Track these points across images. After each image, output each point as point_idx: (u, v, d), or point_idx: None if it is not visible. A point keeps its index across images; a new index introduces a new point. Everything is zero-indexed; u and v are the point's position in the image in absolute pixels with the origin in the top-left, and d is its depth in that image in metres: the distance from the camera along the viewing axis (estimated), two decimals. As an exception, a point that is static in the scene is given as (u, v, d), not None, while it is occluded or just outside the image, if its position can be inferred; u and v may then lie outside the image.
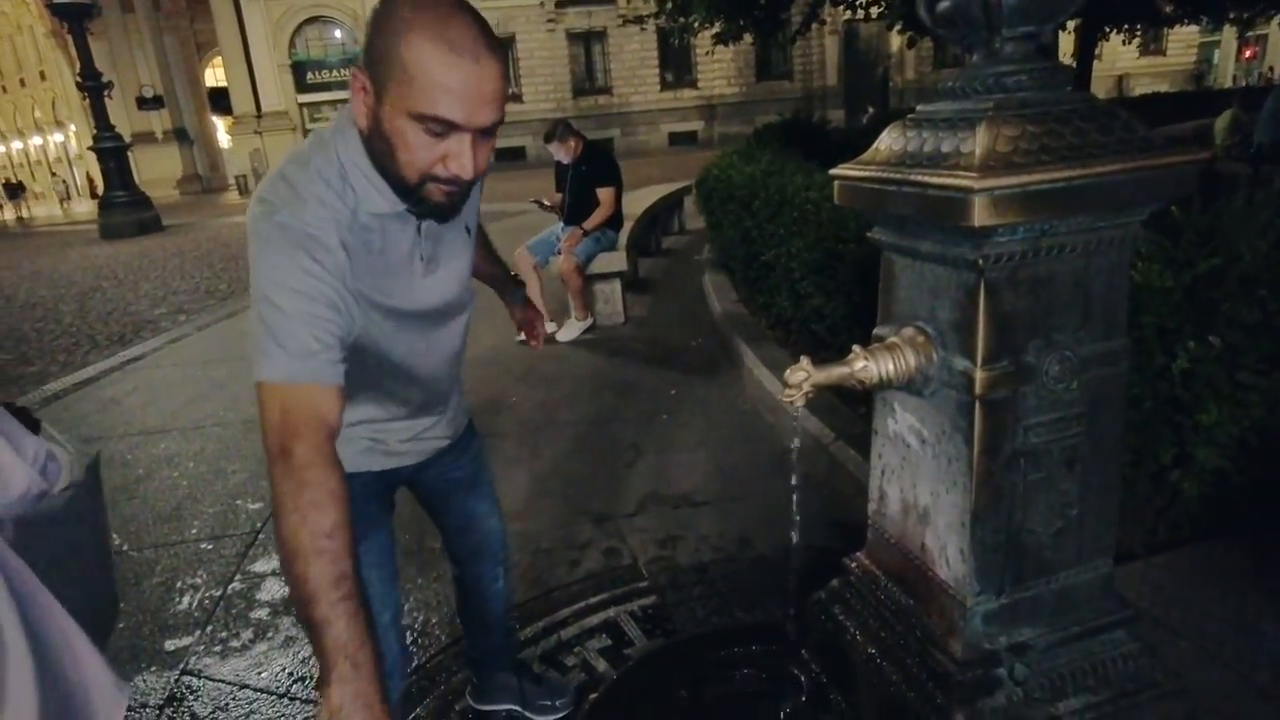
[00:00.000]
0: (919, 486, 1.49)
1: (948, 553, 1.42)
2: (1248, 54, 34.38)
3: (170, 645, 2.45)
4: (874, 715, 1.61)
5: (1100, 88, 27.07)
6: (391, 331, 1.29)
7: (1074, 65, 11.92)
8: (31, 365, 6.32)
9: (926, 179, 1.20)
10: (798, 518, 1.57)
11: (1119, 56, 30.17)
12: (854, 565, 1.76)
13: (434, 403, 1.51)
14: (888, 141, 1.38)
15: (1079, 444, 1.35)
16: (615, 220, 5.64)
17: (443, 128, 1.05)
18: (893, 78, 29.07)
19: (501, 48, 1.09)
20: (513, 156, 28.41)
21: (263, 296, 1.07)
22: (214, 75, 35.54)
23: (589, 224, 5.40)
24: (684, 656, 2.12)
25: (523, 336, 2.00)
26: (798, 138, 8.16)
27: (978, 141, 1.15)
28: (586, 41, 29.76)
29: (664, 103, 30.61)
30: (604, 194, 5.46)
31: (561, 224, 5.63)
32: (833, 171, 1.47)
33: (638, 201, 7.61)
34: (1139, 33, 15.16)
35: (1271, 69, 32.39)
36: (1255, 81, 28.57)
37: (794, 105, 19.23)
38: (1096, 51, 13.56)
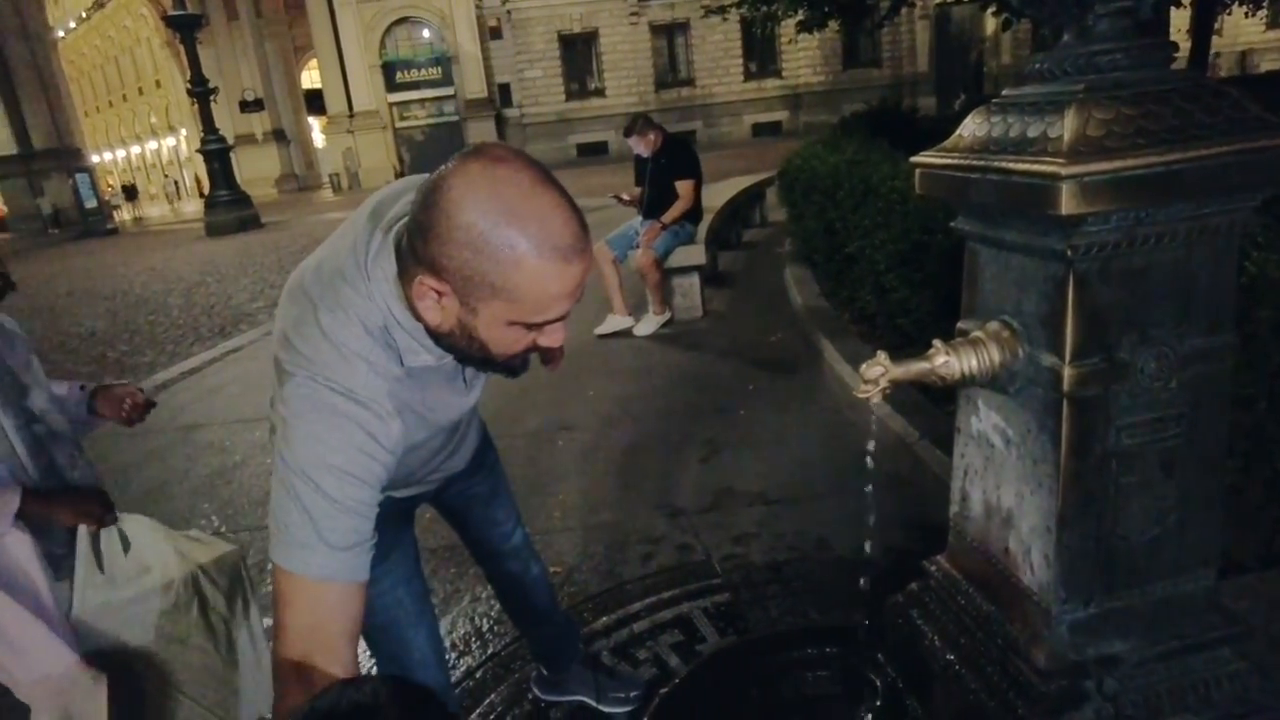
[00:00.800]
0: (1003, 488, 1.42)
1: (1032, 557, 1.36)
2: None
3: (266, 623, 2.57)
4: (952, 724, 1.55)
5: (1221, 65, 25.37)
6: (426, 440, 1.24)
7: (1189, 42, 11.19)
8: (144, 356, 6.75)
9: (1011, 166, 1.14)
10: (874, 518, 1.52)
11: (1242, 31, 28.19)
12: (934, 568, 1.70)
13: (456, 449, 1.47)
14: (971, 128, 1.32)
15: (1177, 446, 1.27)
16: (694, 213, 5.61)
17: (545, 324, 0.98)
18: (987, 63, 27.91)
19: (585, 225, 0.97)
20: (594, 152, 28.64)
21: (302, 474, 0.98)
22: (310, 77, 37.11)
23: (667, 217, 5.38)
24: (756, 655, 2.10)
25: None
26: (885, 126, 7.93)
27: (1066, 125, 1.09)
28: (669, 34, 29.66)
29: (747, 93, 30.27)
30: (683, 187, 5.44)
31: (640, 218, 5.64)
32: (914, 159, 1.41)
33: (718, 194, 7.55)
34: (1264, 4, 14.08)
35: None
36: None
37: (882, 93, 18.69)
38: (1216, 26, 12.69)
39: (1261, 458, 1.97)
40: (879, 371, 1.30)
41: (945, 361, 1.32)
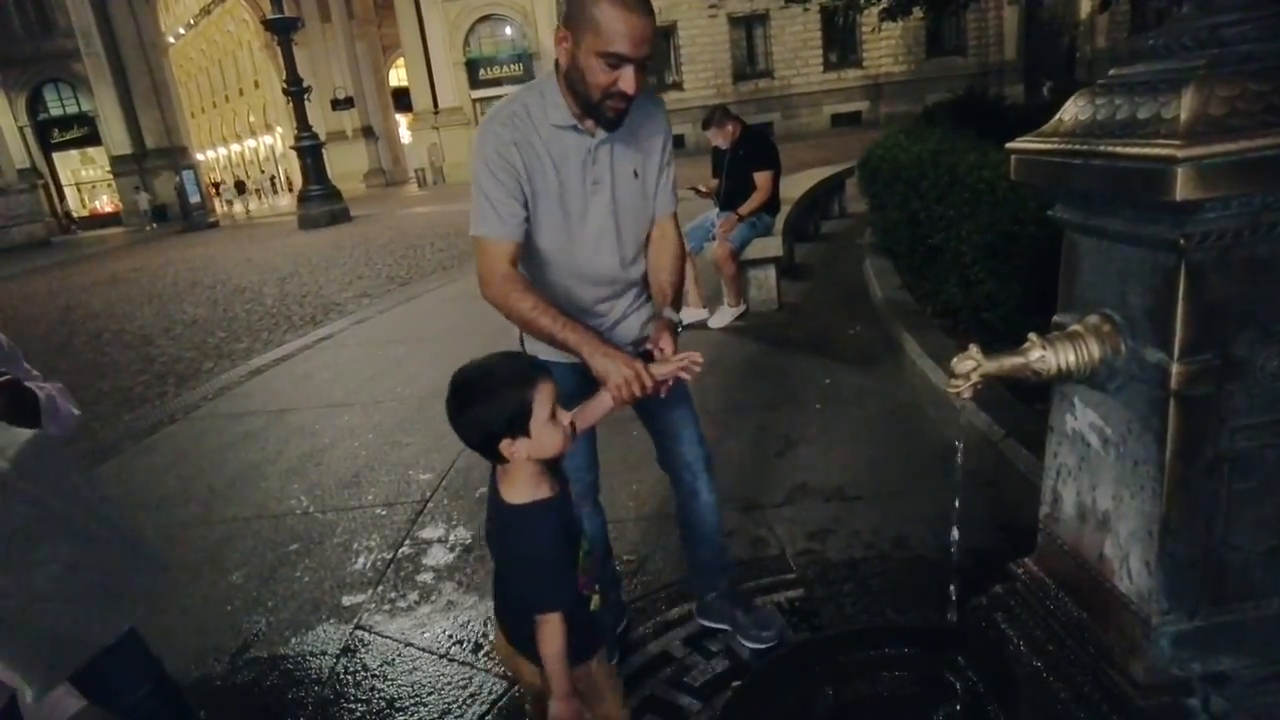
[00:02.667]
0: (1099, 490, 1.35)
1: (1130, 564, 1.28)
2: None
3: (347, 601, 2.66)
4: (1039, 734, 1.49)
5: None
6: (563, 240, 1.76)
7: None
8: (240, 342, 7.09)
9: (1118, 149, 1.08)
10: (959, 517, 1.47)
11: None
12: (1021, 571, 1.63)
13: (604, 309, 1.87)
14: (1073, 111, 1.26)
15: (1301, 451, 1.18)
16: (772, 205, 5.53)
17: (617, 61, 1.53)
18: (1080, 47, 26.60)
19: (652, 9, 1.57)
20: (675, 145, 28.57)
21: (475, 169, 1.68)
22: (397, 76, 38.24)
23: (745, 209, 5.33)
24: (831, 652, 2.06)
25: (651, 349, 1.72)
26: (971, 115, 7.66)
27: (1184, 105, 1.02)
28: (748, 25, 29.36)
29: (827, 84, 29.68)
30: (761, 178, 5.37)
31: (717, 210, 5.60)
32: (1010, 145, 1.36)
33: (796, 185, 7.43)
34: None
35: None
36: None
37: (967, 82, 18.05)
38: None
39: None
40: (970, 365, 1.25)
41: (1041, 356, 1.26)
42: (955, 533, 1.50)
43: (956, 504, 1.47)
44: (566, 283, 1.81)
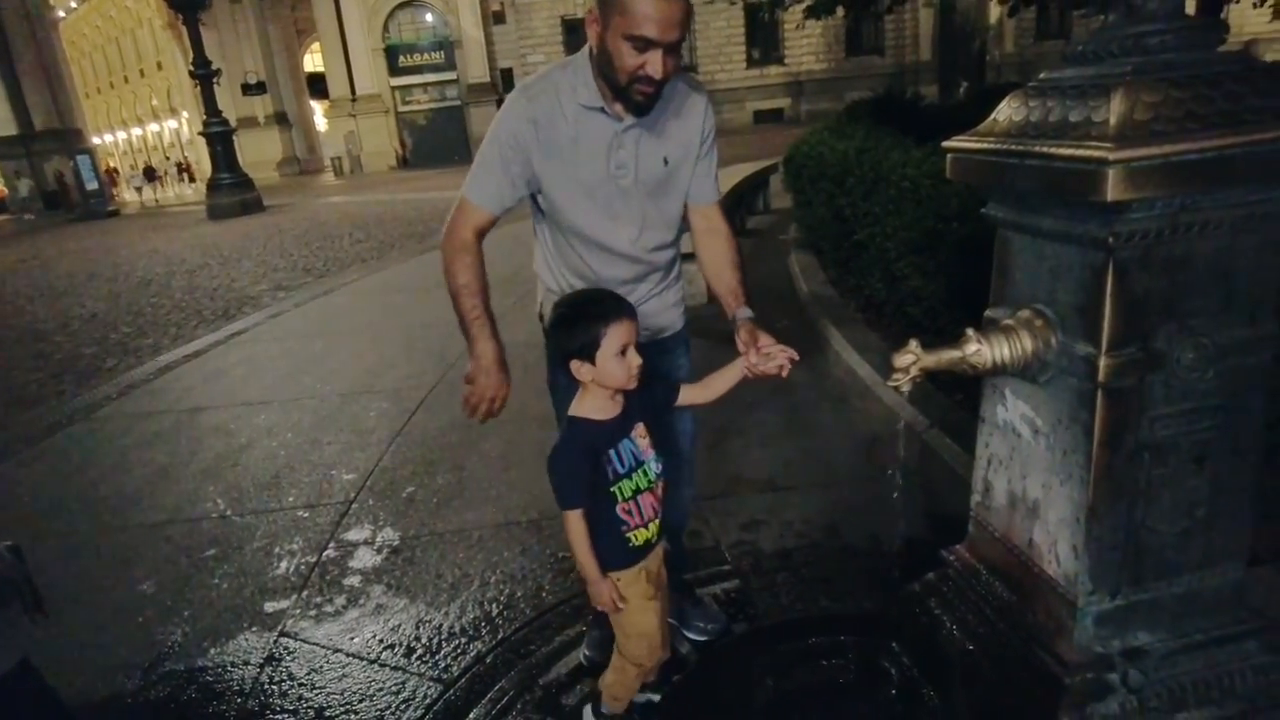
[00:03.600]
0: (1029, 478, 1.41)
1: (1058, 549, 1.34)
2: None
3: (270, 607, 2.56)
4: (970, 713, 1.54)
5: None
6: (586, 219, 1.76)
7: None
8: (147, 338, 6.72)
9: (1053, 150, 1.12)
10: (898, 507, 1.51)
11: (1247, 20, 27.97)
12: (952, 558, 1.68)
13: (626, 290, 1.80)
14: (1007, 112, 1.29)
15: (1211, 439, 1.25)
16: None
17: (644, 44, 1.50)
18: (990, 51, 27.71)
19: None
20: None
21: (487, 137, 1.70)
22: (312, 61, 36.88)
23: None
24: (768, 643, 2.08)
25: (762, 367, 1.60)
26: (891, 114, 7.87)
27: (1113, 109, 1.06)
28: (672, 20, 29.49)
29: (750, 80, 30.07)
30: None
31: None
32: (946, 144, 1.39)
33: (722, 181, 7.48)
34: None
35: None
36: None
37: (885, 81, 18.56)
38: (1223, 14, 12.57)
39: (1282, 451, 1.96)
40: (910, 359, 1.28)
41: (977, 350, 1.30)
42: (897, 521, 1.53)
43: (896, 493, 1.50)
44: (590, 258, 1.83)
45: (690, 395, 1.76)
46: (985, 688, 1.48)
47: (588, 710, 1.89)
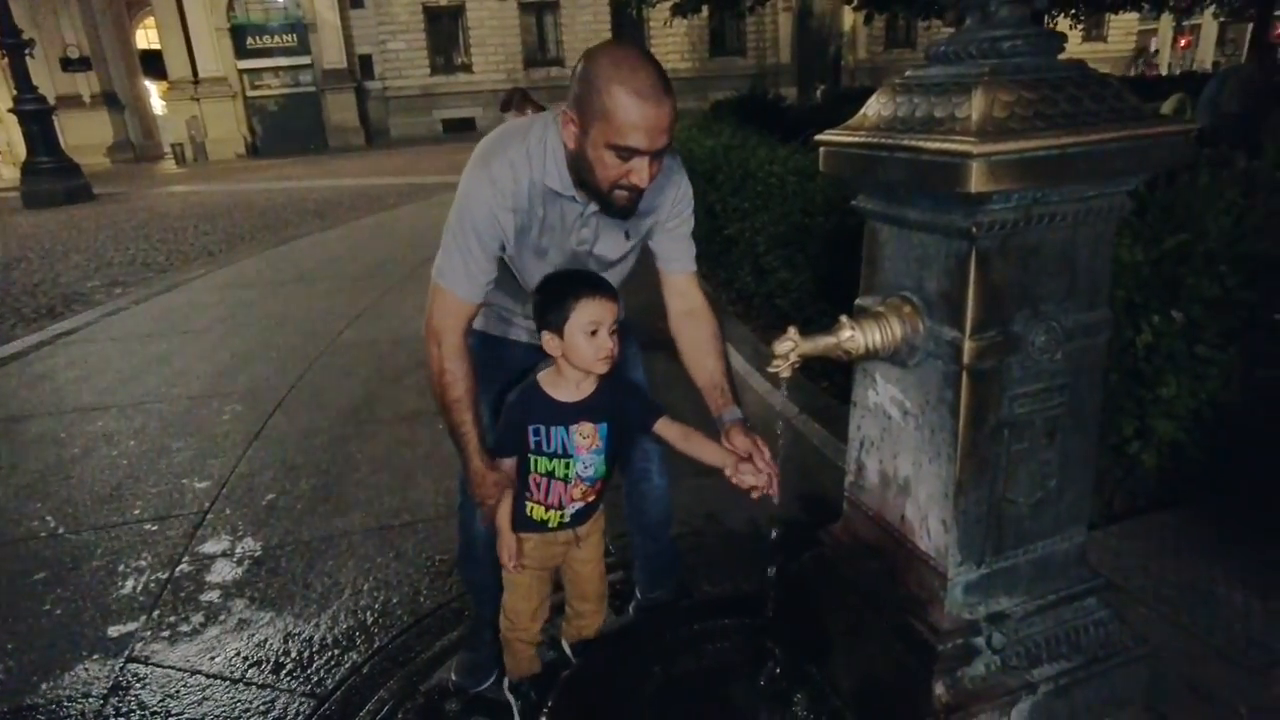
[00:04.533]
0: (900, 458, 1.48)
1: (929, 524, 1.42)
2: (1183, 43, 35.41)
3: (114, 631, 2.33)
4: (851, 687, 1.61)
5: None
6: (536, 272, 1.67)
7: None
8: (-47, 339, 5.98)
9: (921, 144, 1.17)
10: (778, 492, 1.55)
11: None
12: (828, 538, 1.75)
13: None
14: (876, 107, 1.35)
15: (1061, 415, 1.36)
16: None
17: (629, 154, 1.41)
18: (845, 56, 29.17)
19: (672, 90, 1.43)
20: (461, 128, 27.82)
21: (458, 219, 1.57)
22: (146, 38, 33.89)
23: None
24: (655, 631, 2.10)
25: (745, 478, 1.58)
26: (754, 113, 8.13)
27: (974, 106, 1.13)
28: (538, 12, 29.13)
29: (617, 76, 30.20)
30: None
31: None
32: (819, 137, 1.43)
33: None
34: (1083, 18, 15.47)
35: (1154, 61, 33.21)
36: (1139, 71, 29.09)
37: (748, 81, 19.14)
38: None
39: (1110, 425, 2.16)
40: (789, 346, 1.31)
41: (850, 336, 1.35)
42: (765, 506, 1.58)
43: (777, 476, 1.54)
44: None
45: (669, 432, 1.70)
46: (864, 659, 1.55)
47: (505, 682, 1.95)
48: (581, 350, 1.55)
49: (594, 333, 1.54)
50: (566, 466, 1.65)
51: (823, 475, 2.77)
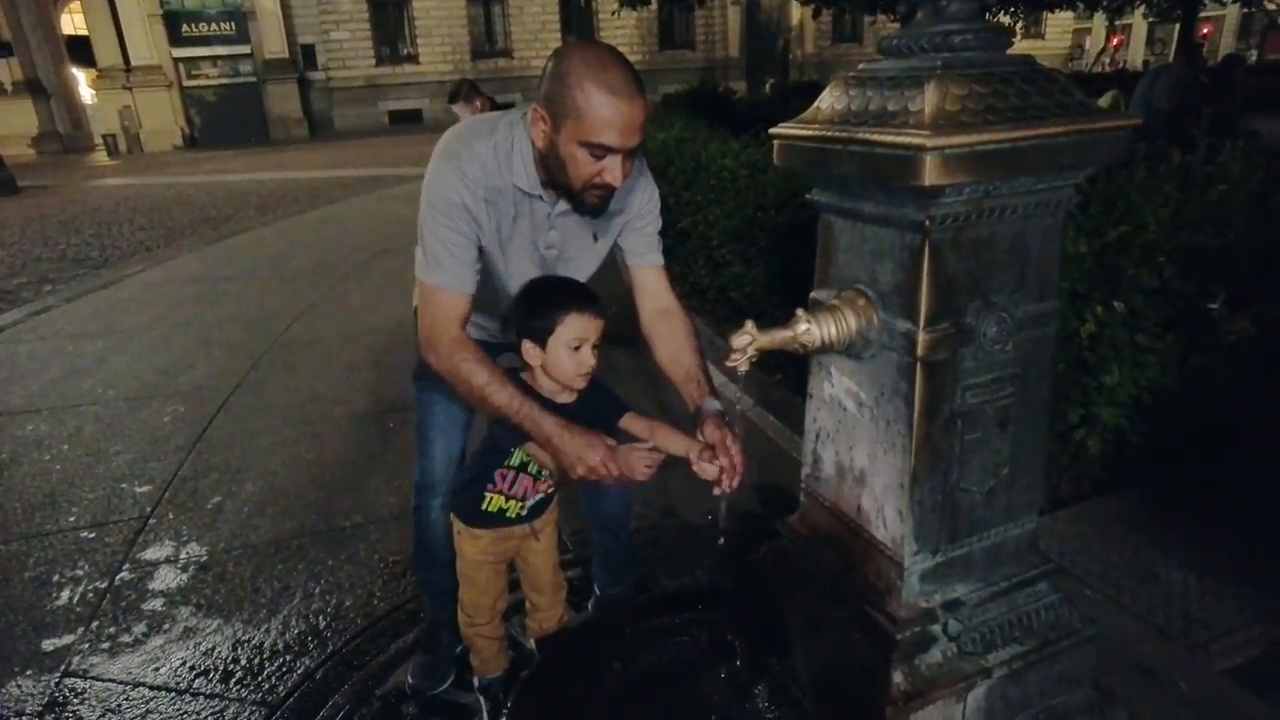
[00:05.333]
0: (856, 449, 1.49)
1: (885, 514, 1.43)
2: (1115, 41, 36.61)
3: (49, 645, 2.24)
4: (810, 677, 1.62)
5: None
6: (505, 277, 1.66)
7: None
8: None
9: (874, 137, 1.18)
10: (736, 488, 1.55)
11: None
12: (786, 529, 1.76)
13: None
14: (830, 100, 1.35)
15: (1012, 404, 1.38)
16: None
17: (603, 151, 1.40)
18: (793, 51, 29.47)
19: (644, 89, 1.42)
20: (408, 120, 27.35)
21: (431, 213, 1.51)
22: (73, 23, 32.49)
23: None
24: (615, 627, 2.09)
25: (706, 468, 1.54)
26: (704, 107, 8.15)
27: (927, 100, 1.14)
28: (485, 2, 28.78)
29: (566, 68, 29.97)
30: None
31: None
32: (772, 131, 1.43)
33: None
34: (1023, 15, 15.87)
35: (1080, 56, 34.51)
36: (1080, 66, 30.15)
37: (696, 75, 19.22)
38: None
39: (1057, 413, 2.22)
40: (747, 340, 1.31)
41: (807, 329, 1.35)
42: (722, 498, 1.58)
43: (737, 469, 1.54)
44: (492, 304, 1.72)
45: (635, 426, 1.67)
46: (824, 649, 1.56)
47: (475, 682, 1.95)
48: (563, 365, 1.54)
49: (577, 348, 1.53)
50: (525, 460, 1.67)
51: (780, 467, 2.79)
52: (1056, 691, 1.53)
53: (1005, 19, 14.76)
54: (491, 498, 1.71)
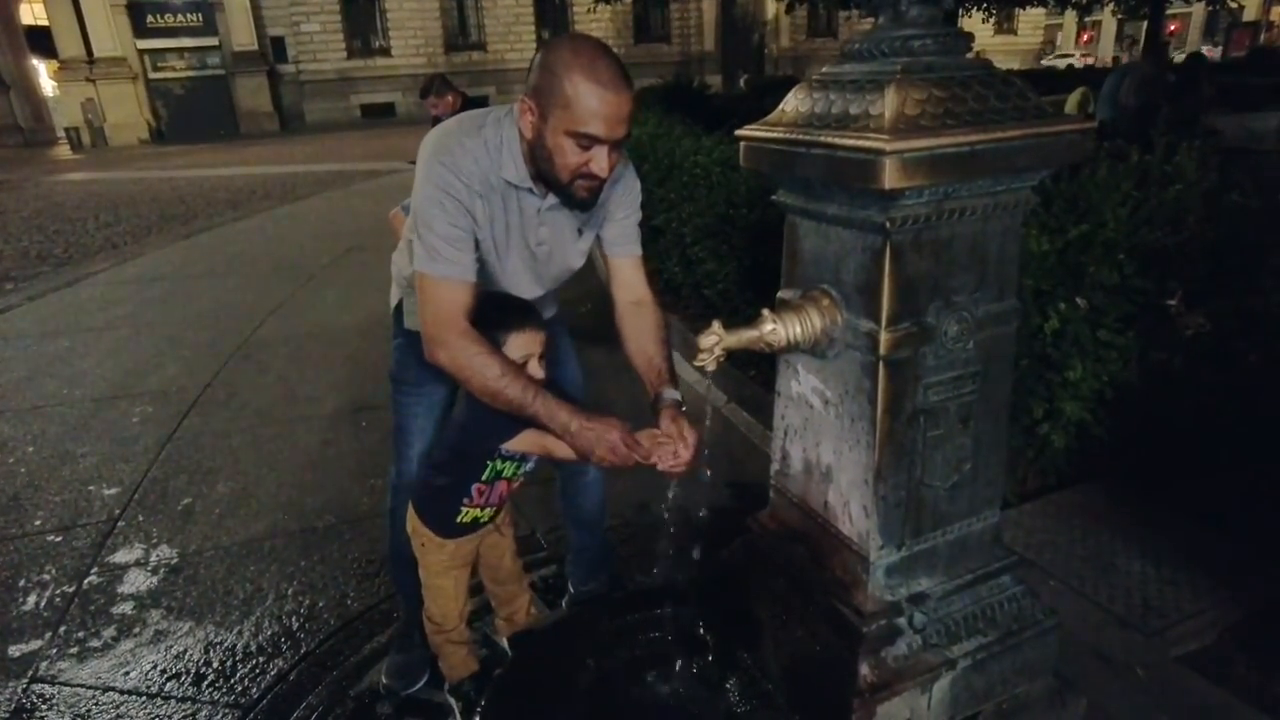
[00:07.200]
0: (822, 446, 1.51)
1: (851, 509, 1.46)
2: (1084, 38, 37.12)
3: (15, 650, 2.21)
4: (780, 670, 1.65)
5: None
6: (500, 280, 1.67)
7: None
8: None
9: (836, 140, 1.19)
10: (703, 479, 1.57)
11: (975, 34, 31.90)
12: (755, 525, 1.78)
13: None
14: (794, 103, 1.37)
15: (973, 401, 1.41)
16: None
17: (589, 142, 1.41)
18: (768, 45, 29.54)
19: (631, 82, 1.43)
20: (380, 114, 27.11)
21: (425, 208, 1.50)
22: (32, 13, 31.73)
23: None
24: (588, 624, 2.10)
25: (658, 458, 1.52)
26: (679, 102, 8.16)
27: (887, 104, 1.16)
28: (459, -6, 28.58)
29: (540, 62, 29.83)
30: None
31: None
32: (739, 132, 1.45)
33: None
34: (994, 11, 16.05)
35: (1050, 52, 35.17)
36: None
37: (672, 69, 19.19)
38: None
39: (1021, 408, 2.26)
40: (714, 339, 1.33)
41: (773, 329, 1.37)
42: (694, 494, 1.60)
43: (706, 466, 1.56)
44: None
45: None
46: (793, 643, 1.59)
47: (446, 686, 1.93)
48: None
49: (524, 364, 1.55)
50: (517, 468, 1.71)
51: (751, 462, 2.82)
52: (1019, 681, 1.57)
53: (977, 15, 14.94)
54: (467, 511, 1.71)
